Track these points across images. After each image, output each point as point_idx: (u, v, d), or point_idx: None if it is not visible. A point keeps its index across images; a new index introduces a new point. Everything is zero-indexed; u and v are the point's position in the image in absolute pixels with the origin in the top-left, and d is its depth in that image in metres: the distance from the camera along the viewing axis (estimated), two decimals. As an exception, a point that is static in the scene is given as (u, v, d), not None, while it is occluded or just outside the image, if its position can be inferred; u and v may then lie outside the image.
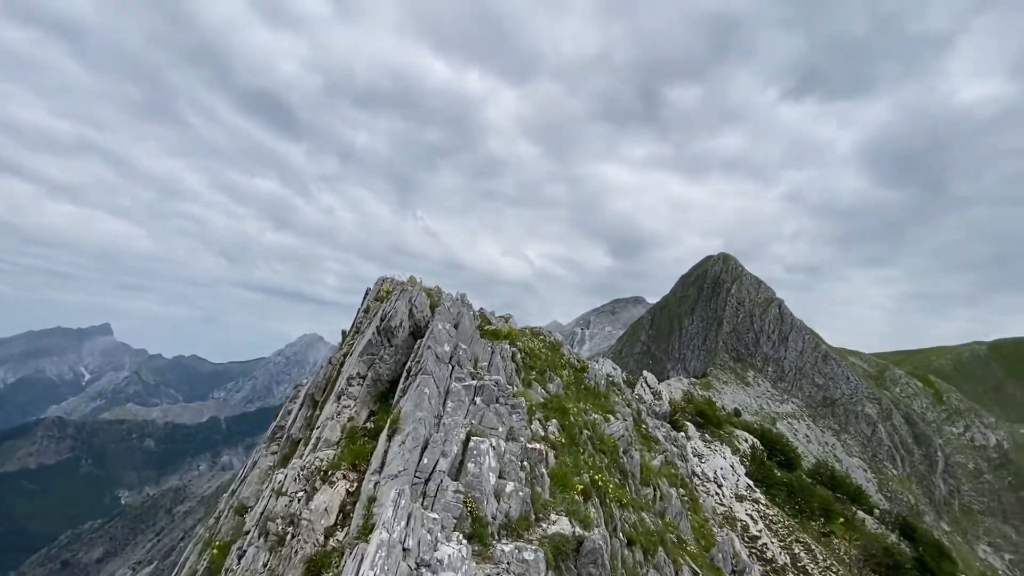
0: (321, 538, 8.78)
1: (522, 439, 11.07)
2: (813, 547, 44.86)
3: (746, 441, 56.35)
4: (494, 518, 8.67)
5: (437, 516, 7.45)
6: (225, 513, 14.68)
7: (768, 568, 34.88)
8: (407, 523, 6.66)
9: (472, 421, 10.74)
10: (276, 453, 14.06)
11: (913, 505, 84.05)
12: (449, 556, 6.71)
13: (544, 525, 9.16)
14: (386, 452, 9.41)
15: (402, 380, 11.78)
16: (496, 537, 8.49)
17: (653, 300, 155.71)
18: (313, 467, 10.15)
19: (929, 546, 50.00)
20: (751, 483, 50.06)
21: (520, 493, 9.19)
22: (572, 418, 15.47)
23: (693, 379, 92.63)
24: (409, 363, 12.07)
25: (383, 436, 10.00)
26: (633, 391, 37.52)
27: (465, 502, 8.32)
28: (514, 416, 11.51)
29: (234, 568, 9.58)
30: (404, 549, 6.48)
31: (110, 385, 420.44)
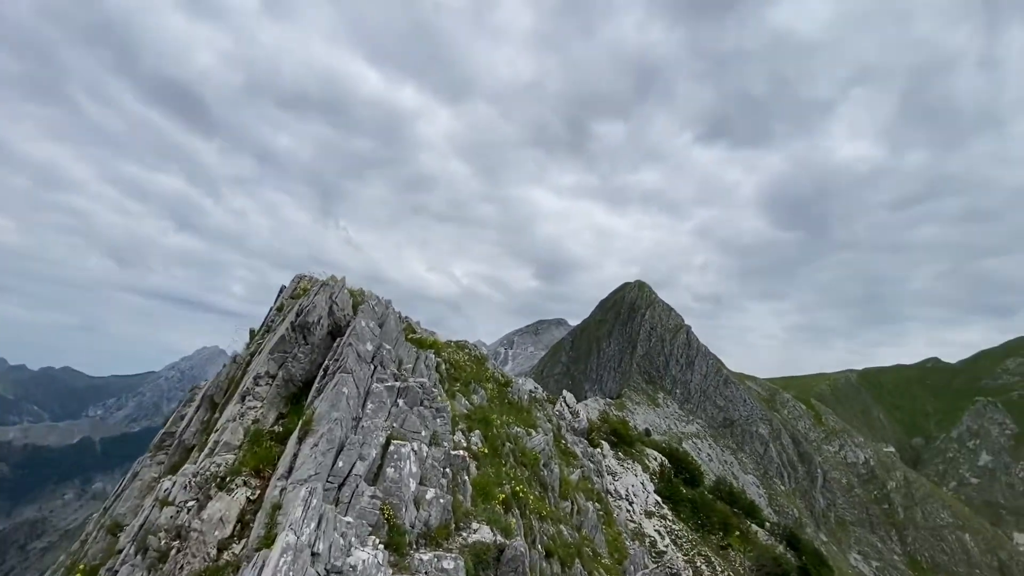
0: (213, 551, 7.79)
1: (446, 444, 10.70)
2: (713, 559, 47.95)
3: (656, 460, 59.45)
4: (413, 526, 8.31)
5: (352, 520, 6.95)
6: (94, 534, 12.58)
7: (673, 582, 36.45)
8: (318, 525, 6.12)
9: (394, 424, 10.15)
10: (163, 463, 12.29)
11: (797, 518, 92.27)
12: (363, 562, 6.25)
13: (465, 534, 9.01)
14: (295, 456, 8.56)
15: (317, 380, 10.89)
16: (414, 546, 8.14)
17: (575, 322, 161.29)
18: (208, 473, 9.01)
19: (811, 555, 55.50)
20: (659, 500, 52.74)
21: (441, 500, 8.91)
22: (495, 430, 15.48)
23: (609, 399, 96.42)
24: (326, 362, 11.15)
25: (293, 439, 9.16)
26: (554, 408, 38.43)
27: (382, 509, 7.89)
28: (438, 421, 11.09)
29: (105, 595, 8.25)
30: (313, 554, 5.95)
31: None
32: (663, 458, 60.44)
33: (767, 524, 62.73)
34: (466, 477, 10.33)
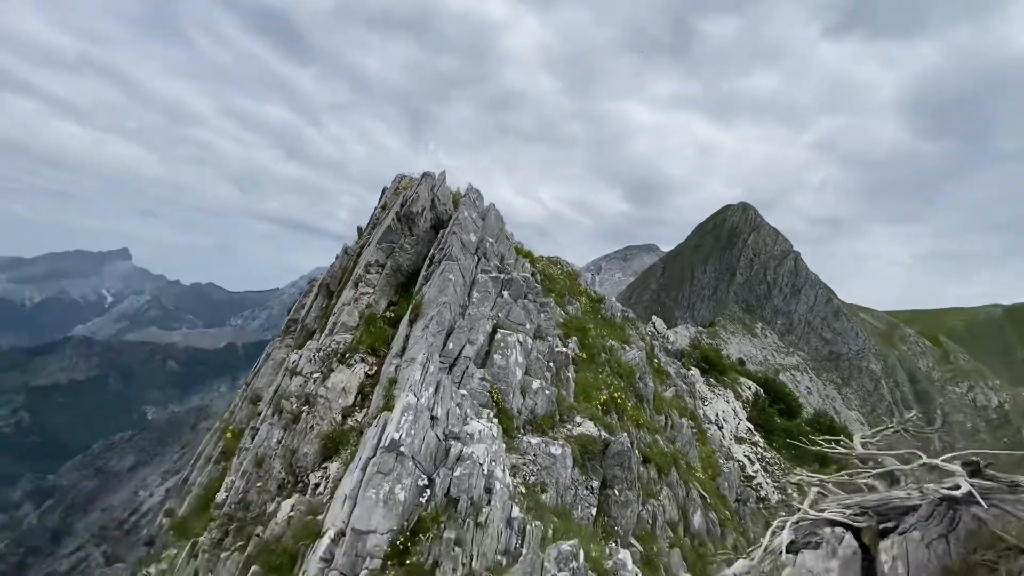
0: (338, 417, 8.89)
1: (550, 339, 11.12)
2: (805, 489, 47.18)
3: (749, 388, 58.05)
4: (519, 412, 9.01)
5: (466, 393, 7.61)
6: (239, 405, 15.01)
7: (761, 505, 37.12)
8: (436, 391, 6.77)
9: (499, 314, 10.46)
10: (290, 345, 13.64)
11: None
12: (479, 432, 6.94)
13: (569, 426, 9.76)
14: (407, 337, 9.25)
15: (424, 268, 11.25)
16: (521, 431, 8.96)
17: (667, 249, 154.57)
18: (330, 349, 9.93)
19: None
20: (751, 427, 52.21)
21: (547, 391, 9.52)
22: (591, 339, 15.96)
23: (701, 327, 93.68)
24: (431, 251, 11.47)
25: (404, 321, 9.78)
26: (646, 328, 38.51)
27: (491, 392, 8.56)
28: (542, 315, 11.44)
29: (248, 446, 9.62)
30: (432, 417, 6.66)
31: (131, 308, 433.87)
32: (757, 387, 58.89)
33: (870, 462, 59.88)
34: (569, 374, 10.86)
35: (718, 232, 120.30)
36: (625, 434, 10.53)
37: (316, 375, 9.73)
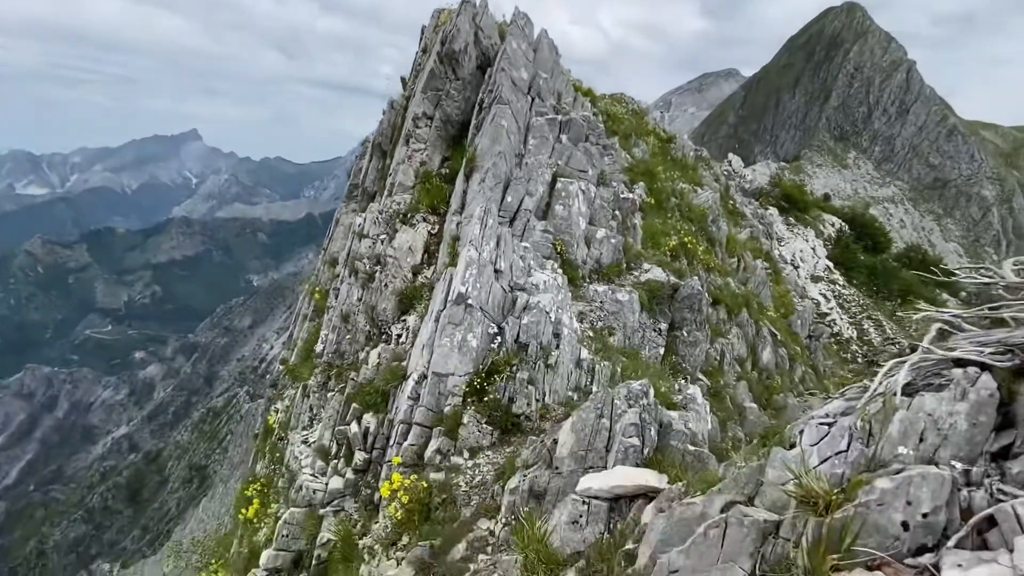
0: (409, 274, 9.27)
1: (615, 184, 10.54)
2: (884, 324, 46.30)
3: (833, 225, 54.28)
4: (584, 263, 8.95)
5: (529, 245, 7.55)
6: (320, 268, 16.18)
7: (832, 340, 37.04)
8: (496, 245, 6.78)
9: (559, 161, 9.86)
10: (355, 209, 13.68)
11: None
12: (544, 283, 7.03)
13: (636, 273, 9.66)
14: (464, 192, 9.08)
15: (474, 117, 10.55)
16: (587, 280, 9.01)
17: (751, 73, 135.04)
18: (391, 211, 10.06)
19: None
20: (831, 265, 49.95)
21: (612, 240, 9.29)
22: (660, 183, 15.09)
23: (784, 163, 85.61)
24: (480, 96, 10.59)
25: (460, 177, 9.55)
26: (721, 167, 35.86)
27: (555, 243, 8.46)
28: (606, 160, 10.71)
29: (333, 304, 10.38)
30: (496, 270, 6.76)
31: (215, 187, 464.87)
32: (842, 223, 54.93)
33: (962, 294, 56.59)
34: (636, 221, 10.42)
35: (813, 45, 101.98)
36: (696, 277, 10.31)
37: (382, 236, 10.06)
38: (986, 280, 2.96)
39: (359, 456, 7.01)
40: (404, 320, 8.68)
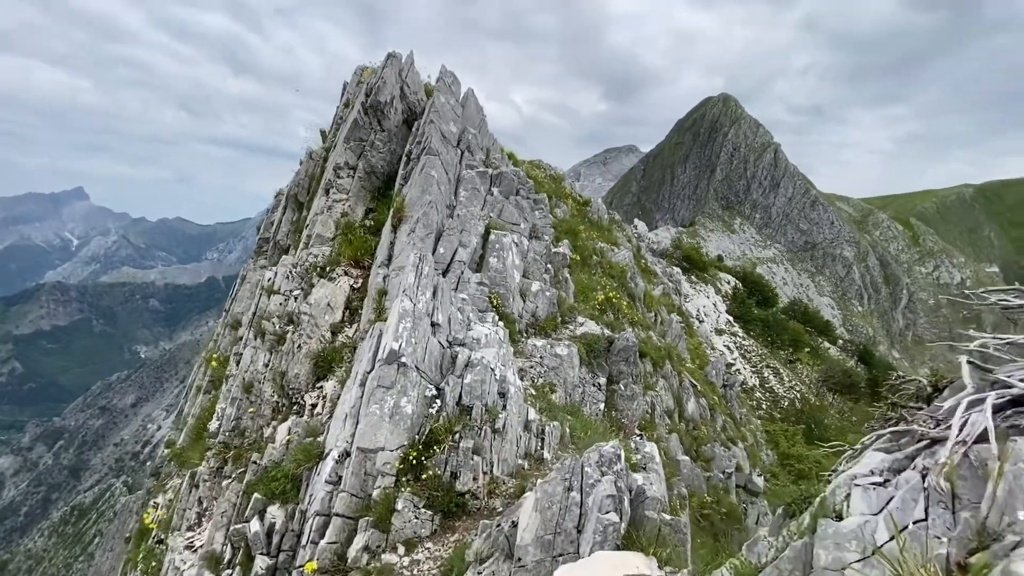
0: (327, 334, 8.24)
1: (546, 238, 10.38)
2: (781, 371, 50.48)
3: (728, 283, 59.80)
4: (520, 316, 8.51)
5: (466, 295, 7.00)
6: (220, 332, 14.28)
7: (739, 389, 39.39)
8: (433, 295, 6.11)
9: (491, 214, 9.65)
10: (264, 265, 12.54)
11: (871, 336, 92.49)
12: (486, 336, 6.39)
13: (572, 327, 9.38)
14: (392, 244, 8.41)
15: (401, 168, 10.19)
16: (524, 334, 8.51)
17: (648, 148, 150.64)
18: (308, 263, 9.17)
19: (882, 368, 56.93)
20: (731, 319, 54.37)
21: (547, 293, 8.98)
22: (582, 242, 15.43)
23: (681, 228, 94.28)
24: (408, 147, 10.28)
25: (387, 228, 8.91)
26: (632, 229, 38.17)
27: (490, 296, 7.98)
28: (536, 213, 10.60)
29: (234, 373, 9.09)
30: (433, 324, 6.04)
31: (100, 249, 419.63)
32: (736, 281, 60.67)
33: (839, 342, 63.84)
34: (567, 275, 10.26)
35: (698, 128, 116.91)
36: (630, 329, 10.26)
37: (296, 292, 8.99)
38: (1020, 302, 2.88)
39: (261, 563, 5.50)
40: (320, 387, 7.51)
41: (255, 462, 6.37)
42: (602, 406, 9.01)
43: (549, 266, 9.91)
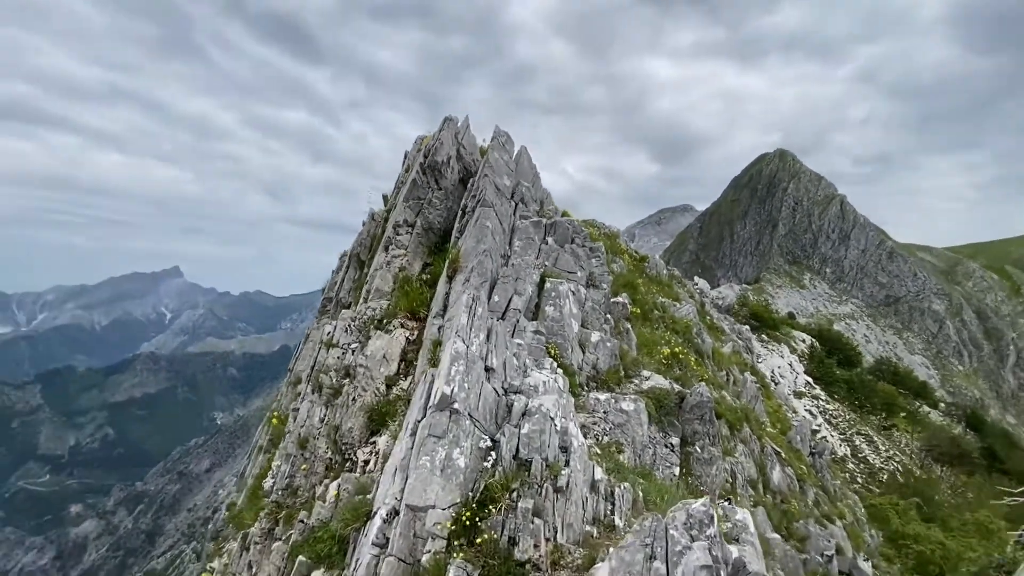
0: (382, 387, 8.10)
1: (604, 286, 9.96)
2: (875, 438, 44.86)
3: (803, 341, 55.42)
4: (580, 368, 7.98)
5: (522, 342, 6.60)
6: (283, 391, 14.38)
7: (829, 459, 35.22)
8: (487, 338, 5.72)
9: (546, 263, 9.49)
10: (327, 322, 12.89)
11: (978, 399, 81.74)
12: (544, 383, 5.87)
13: (637, 380, 8.68)
14: (447, 294, 8.32)
15: (457, 221, 10.36)
16: (585, 387, 7.95)
17: (702, 207, 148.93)
18: (366, 316, 9.20)
19: (997, 436, 49.38)
20: (810, 380, 49.77)
21: (608, 344, 8.44)
22: (641, 295, 14.82)
23: (746, 284, 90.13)
24: (464, 202, 10.47)
25: (442, 279, 8.89)
26: (694, 285, 36.80)
27: (548, 347, 7.51)
28: (593, 261, 10.27)
29: (291, 429, 9.03)
30: (487, 368, 5.61)
31: (189, 322, 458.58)
32: (812, 339, 56.20)
33: (941, 405, 56.53)
34: (628, 325, 9.71)
35: (755, 184, 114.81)
36: (704, 383, 9.36)
37: (354, 345, 9.00)
38: None
39: None
40: (374, 442, 7.21)
41: (302, 521, 6.04)
42: (676, 470, 8.02)
43: (608, 316, 9.44)
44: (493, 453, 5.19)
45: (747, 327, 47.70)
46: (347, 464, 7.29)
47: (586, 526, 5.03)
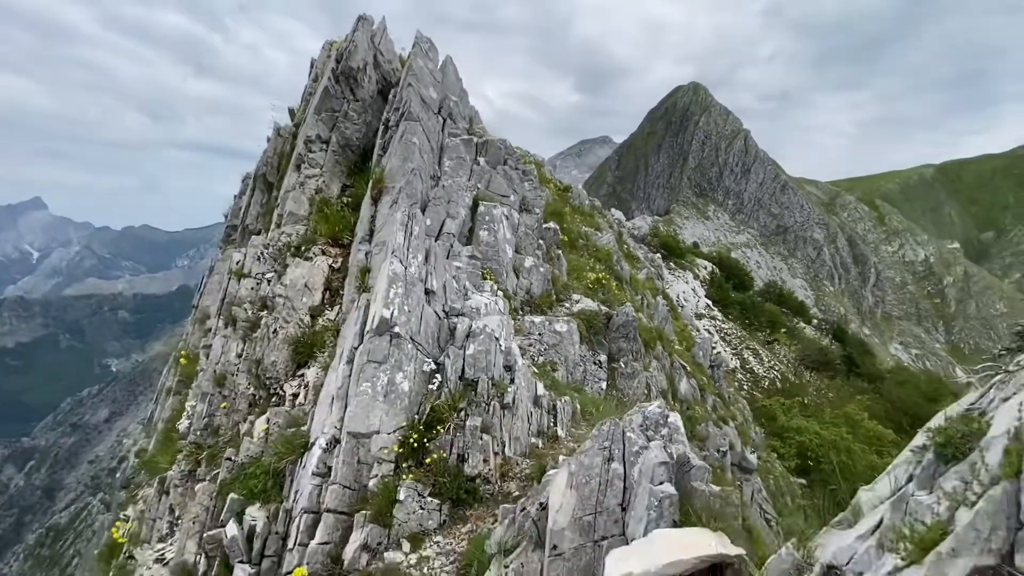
0: (306, 318, 7.57)
1: (537, 211, 9.82)
2: (760, 352, 51.35)
3: (705, 268, 60.57)
4: (515, 293, 7.99)
5: (461, 266, 6.40)
6: (190, 329, 13.21)
7: (724, 371, 39.70)
8: (426, 260, 5.46)
9: (478, 184, 9.02)
10: (235, 253, 11.55)
11: (843, 315, 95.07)
12: (486, 305, 5.79)
13: (568, 304, 8.90)
14: (373, 217, 7.71)
15: (379, 137, 9.44)
16: (520, 311, 8.00)
17: (621, 139, 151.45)
18: (281, 243, 8.35)
19: (855, 345, 58.67)
20: (710, 303, 55.02)
21: (541, 269, 8.46)
22: (568, 224, 15.04)
23: (657, 216, 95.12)
24: (385, 115, 9.52)
25: (366, 201, 8.20)
26: (612, 215, 38.07)
27: (483, 272, 7.38)
28: (526, 184, 10.03)
29: (204, 367, 8.38)
30: (427, 291, 5.45)
31: (62, 261, 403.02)
32: (713, 266, 61.50)
33: (814, 321, 65.45)
34: (559, 251, 9.76)
35: (670, 117, 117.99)
36: (629, 304, 9.85)
37: (269, 275, 8.18)
38: None
39: (241, 572, 4.76)
40: (301, 375, 6.81)
41: (230, 459, 5.68)
42: (604, 384, 8.58)
43: (541, 242, 9.40)
44: (438, 376, 5.09)
45: (659, 255, 50.89)
46: (273, 399, 6.86)
47: (531, 438, 5.21)
